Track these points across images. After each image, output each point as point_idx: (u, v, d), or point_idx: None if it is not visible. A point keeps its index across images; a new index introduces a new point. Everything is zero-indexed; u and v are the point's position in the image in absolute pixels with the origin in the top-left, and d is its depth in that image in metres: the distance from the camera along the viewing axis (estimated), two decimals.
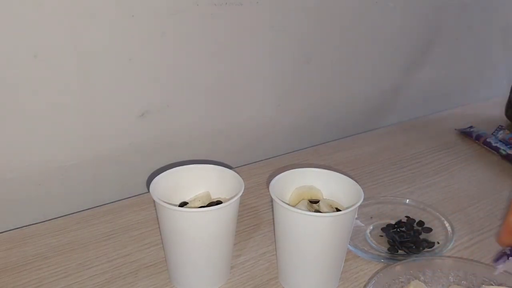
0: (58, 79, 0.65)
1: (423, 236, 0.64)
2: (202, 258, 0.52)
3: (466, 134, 0.94)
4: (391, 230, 0.64)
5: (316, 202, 0.55)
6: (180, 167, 0.56)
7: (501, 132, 0.92)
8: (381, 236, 0.64)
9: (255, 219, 0.67)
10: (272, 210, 0.55)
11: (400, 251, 0.61)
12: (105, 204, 0.70)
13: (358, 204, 0.50)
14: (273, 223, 0.56)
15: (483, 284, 0.52)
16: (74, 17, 0.63)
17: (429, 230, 0.65)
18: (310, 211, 0.52)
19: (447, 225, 0.65)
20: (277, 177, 0.55)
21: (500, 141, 0.88)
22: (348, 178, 0.55)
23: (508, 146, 0.86)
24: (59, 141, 0.68)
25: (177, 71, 0.75)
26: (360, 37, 0.94)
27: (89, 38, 0.65)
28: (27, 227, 0.64)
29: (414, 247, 0.61)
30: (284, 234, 0.52)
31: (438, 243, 0.62)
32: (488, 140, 0.88)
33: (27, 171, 0.67)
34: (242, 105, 0.85)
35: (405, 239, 0.62)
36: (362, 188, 0.52)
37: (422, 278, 0.53)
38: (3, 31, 0.59)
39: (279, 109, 0.89)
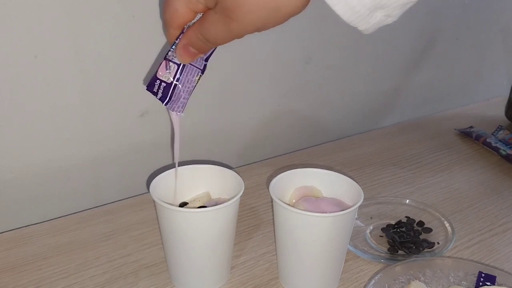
0: (58, 80, 0.65)
1: (423, 236, 0.64)
2: (202, 258, 0.52)
3: (466, 134, 0.94)
4: (391, 231, 0.64)
5: None
6: (180, 167, 0.56)
7: (501, 132, 0.92)
8: (381, 236, 0.64)
9: (255, 219, 0.67)
10: (272, 210, 0.54)
11: (400, 252, 0.61)
12: (105, 204, 0.70)
13: (358, 204, 0.50)
14: (273, 223, 0.56)
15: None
16: (74, 17, 0.63)
17: (429, 230, 0.65)
18: None
19: (447, 225, 0.65)
20: (277, 177, 0.55)
21: (500, 141, 0.88)
22: (348, 178, 0.55)
23: (508, 146, 0.86)
24: (59, 141, 0.68)
25: None
26: (360, 37, 0.94)
27: (89, 38, 0.65)
28: (27, 227, 0.64)
29: (414, 247, 0.61)
30: (284, 234, 0.52)
31: (438, 243, 0.62)
32: (488, 140, 0.88)
33: (27, 171, 0.67)
34: (242, 105, 0.85)
35: (405, 239, 0.62)
36: (362, 188, 0.53)
37: (422, 278, 0.53)
38: (3, 31, 0.59)
39: (279, 109, 0.89)
